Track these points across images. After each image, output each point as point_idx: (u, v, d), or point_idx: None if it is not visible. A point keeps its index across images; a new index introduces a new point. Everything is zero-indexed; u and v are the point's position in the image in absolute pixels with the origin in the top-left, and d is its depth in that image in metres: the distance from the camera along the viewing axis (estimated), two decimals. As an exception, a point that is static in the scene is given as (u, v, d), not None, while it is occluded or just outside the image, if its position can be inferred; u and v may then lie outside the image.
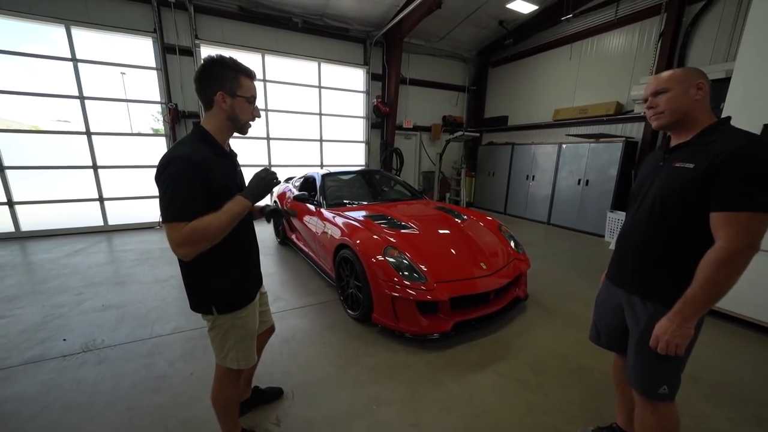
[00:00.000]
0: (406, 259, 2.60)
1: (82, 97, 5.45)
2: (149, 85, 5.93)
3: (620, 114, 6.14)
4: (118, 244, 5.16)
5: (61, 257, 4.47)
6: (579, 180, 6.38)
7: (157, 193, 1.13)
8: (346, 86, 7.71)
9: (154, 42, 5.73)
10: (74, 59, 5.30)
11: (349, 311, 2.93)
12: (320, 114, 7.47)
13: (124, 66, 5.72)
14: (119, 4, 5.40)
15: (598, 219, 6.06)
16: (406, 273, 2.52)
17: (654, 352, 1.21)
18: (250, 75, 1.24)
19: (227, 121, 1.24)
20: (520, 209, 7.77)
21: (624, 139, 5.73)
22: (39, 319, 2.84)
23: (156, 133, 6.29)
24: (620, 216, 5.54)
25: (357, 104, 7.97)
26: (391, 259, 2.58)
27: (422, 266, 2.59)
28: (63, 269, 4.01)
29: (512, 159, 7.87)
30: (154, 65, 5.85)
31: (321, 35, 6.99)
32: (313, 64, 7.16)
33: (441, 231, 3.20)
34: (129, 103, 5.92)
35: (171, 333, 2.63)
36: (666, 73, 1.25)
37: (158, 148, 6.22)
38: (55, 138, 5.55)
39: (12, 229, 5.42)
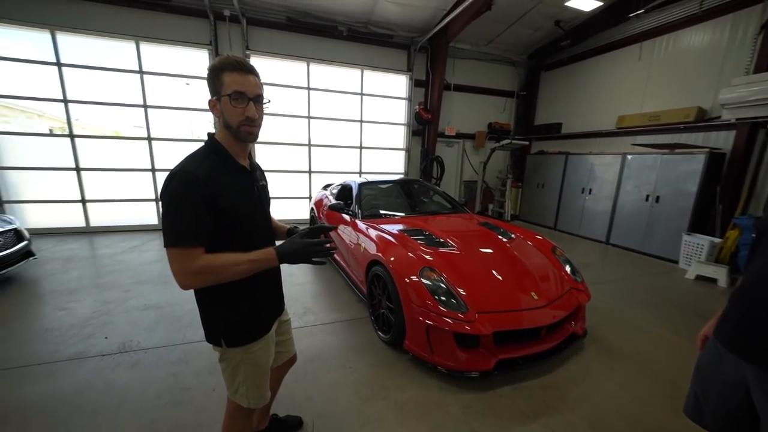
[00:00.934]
0: (444, 283, 2.33)
1: (145, 106, 5.94)
2: (207, 94, 6.31)
3: (702, 121, 5.28)
4: (169, 243, 5.47)
5: (118, 253, 4.83)
6: (647, 196, 5.59)
7: None
8: (388, 93, 7.61)
9: (209, 53, 6.10)
10: (141, 71, 5.80)
11: (379, 333, 2.72)
12: (361, 121, 7.44)
13: (185, 77, 6.15)
14: (180, 20, 5.83)
15: (670, 241, 5.24)
16: (443, 298, 2.26)
17: None
18: (235, 67, 1.01)
19: (225, 129, 1.08)
20: (574, 225, 7.03)
21: (708, 150, 4.90)
22: (89, 313, 3.01)
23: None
24: (700, 240, 4.72)
25: (398, 111, 7.83)
26: (427, 282, 2.33)
27: (462, 292, 2.30)
28: (117, 265, 4.31)
29: (566, 169, 7.18)
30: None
31: (365, 42, 6.98)
32: (356, 72, 7.16)
33: (484, 251, 2.88)
34: (190, 112, 6.35)
35: (200, 340, 2.62)
36: None
37: (209, 152, 6.58)
38: (122, 143, 6.10)
39: (83, 224, 6.03)
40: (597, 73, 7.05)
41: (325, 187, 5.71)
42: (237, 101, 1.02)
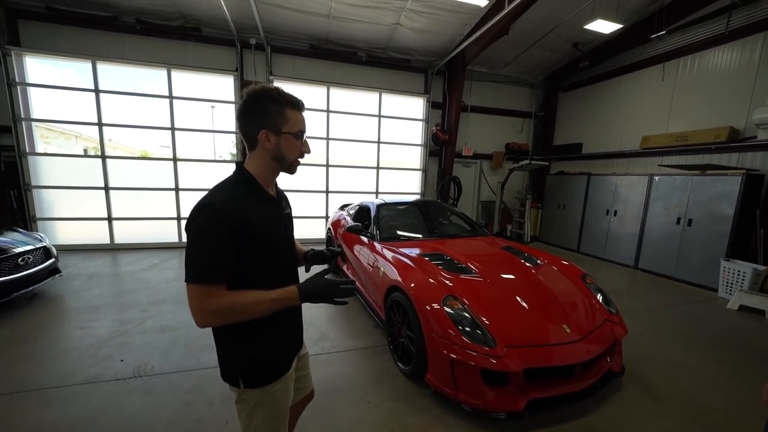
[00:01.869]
0: (468, 312, 2.21)
1: (173, 129, 6.21)
2: (231, 117, 6.58)
3: (735, 141, 5.05)
4: (187, 261, 5.54)
5: (138, 270, 4.91)
6: (678, 218, 5.31)
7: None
8: (406, 114, 7.71)
9: (235, 79, 6.39)
10: (171, 96, 6.12)
11: (399, 364, 2.58)
12: (378, 142, 7.52)
13: (210, 101, 6.44)
14: (209, 48, 6.17)
15: (707, 267, 4.90)
16: (467, 329, 2.12)
17: None
18: (297, 106, 1.06)
19: (272, 162, 1.07)
20: (598, 248, 6.73)
21: (744, 171, 4.64)
22: (107, 333, 3.01)
23: (232, 159, 6.87)
24: (741, 267, 4.39)
25: (415, 132, 7.90)
26: (451, 311, 2.21)
27: (488, 323, 2.17)
28: (137, 283, 4.36)
29: (588, 190, 6.96)
30: (233, 99, 6.48)
31: (383, 67, 7.17)
32: (374, 95, 7.32)
33: (509, 277, 2.75)
34: (213, 133, 6.61)
35: (215, 366, 2.53)
36: None
37: (230, 172, 6.76)
38: (149, 164, 6.37)
39: (108, 241, 6.22)
40: (618, 94, 6.95)
41: (342, 207, 5.71)
42: (299, 140, 1.07)
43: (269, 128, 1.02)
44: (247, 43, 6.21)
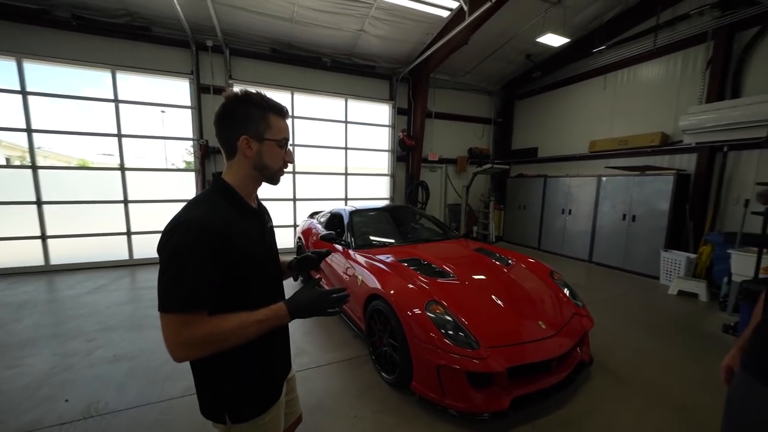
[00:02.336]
0: (451, 316, 2.23)
1: (120, 135, 5.66)
2: (185, 122, 6.14)
3: (667, 145, 5.69)
4: (141, 280, 5.05)
5: (82, 294, 4.37)
6: (624, 215, 5.85)
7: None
8: (372, 121, 7.74)
9: (190, 83, 5.99)
10: (116, 100, 5.58)
11: (383, 374, 2.53)
12: (346, 148, 7.46)
13: (161, 105, 5.97)
14: (161, 49, 5.73)
15: (650, 258, 5.44)
16: (450, 333, 2.14)
17: None
18: (281, 112, 1.00)
19: (254, 171, 0.99)
20: (557, 245, 7.20)
21: (675, 171, 5.24)
22: (46, 370, 2.62)
23: (187, 168, 6.41)
24: (677, 256, 4.94)
25: (382, 138, 7.95)
26: (433, 316, 2.21)
27: (470, 325, 2.20)
28: (82, 308, 3.87)
29: (545, 192, 7.45)
30: (189, 104, 6.08)
31: (348, 73, 7.14)
32: (340, 101, 7.26)
33: (485, 279, 2.82)
34: (165, 140, 6.12)
35: (182, 395, 2.32)
36: None
37: (188, 181, 6.30)
38: (94, 174, 5.74)
39: (42, 262, 5.47)
40: (567, 102, 7.54)
41: (312, 216, 5.55)
42: (283, 148, 1.00)
43: (251, 134, 0.94)
44: (203, 44, 5.86)
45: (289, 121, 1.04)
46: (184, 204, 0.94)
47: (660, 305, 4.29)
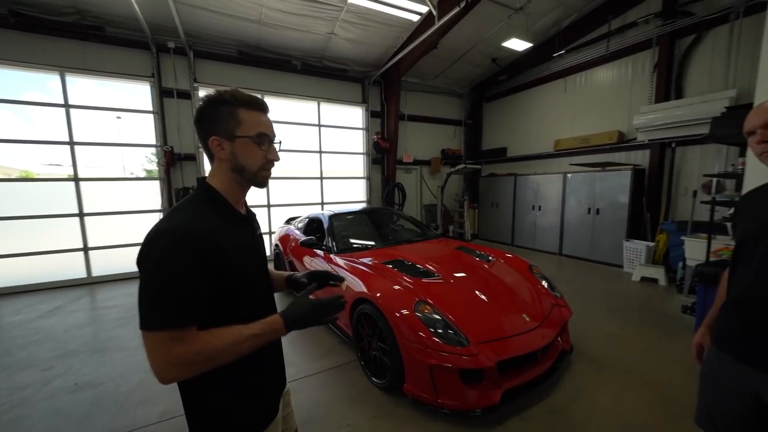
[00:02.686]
0: (440, 315, 2.24)
1: (72, 143, 5.20)
2: (145, 128, 5.76)
3: (623, 142, 6.14)
4: (102, 299, 4.65)
5: (33, 319, 3.94)
6: (589, 209, 6.22)
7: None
8: (346, 124, 7.70)
9: (151, 86, 5.64)
10: (66, 105, 5.13)
11: (373, 379, 2.49)
12: (320, 152, 7.35)
13: (119, 110, 5.56)
14: (117, 51, 5.35)
15: (613, 248, 5.82)
16: (440, 331, 2.15)
17: None
18: (253, 105, 0.90)
19: (233, 174, 0.91)
20: (529, 240, 7.52)
21: (632, 166, 5.66)
22: (-6, 407, 2.33)
23: (149, 176, 6.01)
24: (637, 245, 5.32)
25: (357, 141, 7.92)
26: (422, 316, 2.21)
27: (458, 323, 2.22)
28: (33, 335, 3.49)
29: (516, 189, 7.76)
30: (150, 109, 5.71)
31: (320, 76, 7.06)
32: (313, 104, 7.15)
33: (468, 276, 2.87)
34: (123, 147, 5.70)
35: (159, 421, 2.15)
36: None
37: (151, 191, 5.90)
38: (41, 186, 5.22)
39: (-19, 286, 4.90)
40: (532, 103, 7.92)
41: (289, 221, 5.41)
42: (260, 145, 0.90)
43: (220, 134, 0.88)
44: (164, 46, 5.55)
45: (270, 116, 0.97)
46: (164, 213, 0.87)
47: (625, 291, 4.59)
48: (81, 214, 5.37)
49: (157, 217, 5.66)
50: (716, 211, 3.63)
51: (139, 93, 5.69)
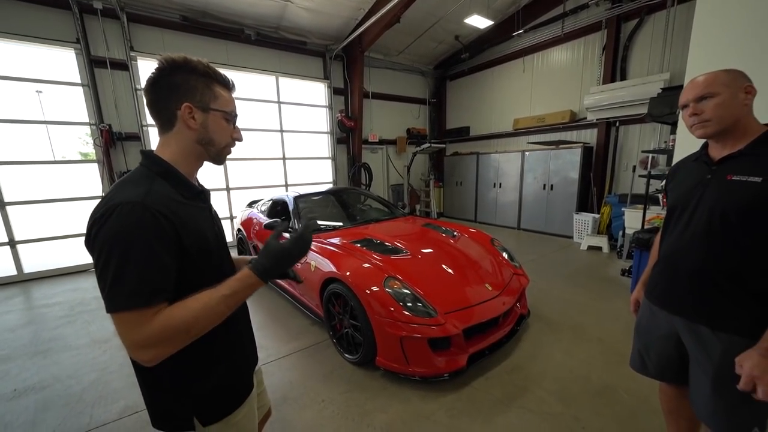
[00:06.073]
0: (409, 289, 2.31)
1: (-19, 120, 4.46)
2: (74, 104, 5.06)
3: (575, 121, 6.52)
4: (40, 297, 4.19)
5: (-46, 324, 3.47)
6: (544, 185, 6.62)
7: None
8: (308, 101, 7.35)
9: (77, 54, 4.92)
10: (-31, 74, 4.34)
11: (346, 355, 2.53)
12: (281, 131, 6.99)
13: (39, 81, 4.80)
14: (31, 9, 4.56)
15: (565, 221, 6.29)
16: (409, 305, 2.22)
17: (739, 392, 1.04)
18: (227, 84, 0.90)
19: (196, 146, 0.86)
20: (490, 216, 7.89)
21: (581, 144, 6.06)
22: None
23: (85, 159, 5.36)
24: (585, 217, 5.80)
25: (320, 119, 7.63)
26: (392, 291, 2.27)
27: (426, 295, 2.31)
28: (-43, 341, 3.08)
29: (478, 168, 8.02)
30: (78, 81, 5.01)
31: (277, 48, 6.60)
32: (271, 78, 6.71)
33: (435, 251, 2.96)
34: (48, 126, 4.99)
35: (119, 417, 2.03)
36: (707, 77, 1.14)
37: (88, 175, 5.29)
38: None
39: None
40: (493, 83, 8.09)
41: (251, 205, 5.16)
42: (230, 122, 0.91)
43: (194, 102, 0.81)
44: (89, 6, 4.82)
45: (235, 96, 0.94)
46: (112, 187, 0.78)
47: (575, 259, 5.03)
48: (2, 204, 4.69)
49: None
50: (651, 185, 4.04)
51: (64, 63, 4.94)
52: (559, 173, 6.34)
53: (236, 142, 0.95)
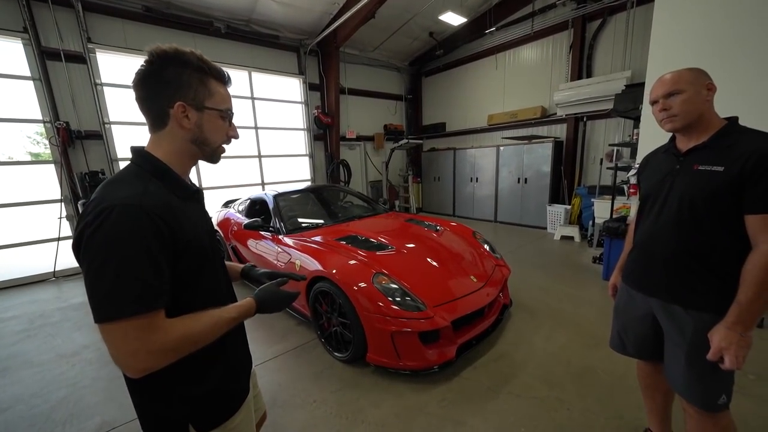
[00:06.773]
0: (397, 284, 2.32)
1: None
2: (24, 100, 4.62)
3: (545, 117, 6.79)
4: (-9, 312, 3.83)
5: None
6: (518, 179, 6.86)
7: (53, 236, 0.68)
8: (283, 97, 7.16)
9: (25, 44, 4.50)
10: None
11: (335, 354, 2.51)
12: (256, 127, 6.77)
13: (-18, 76, 4.36)
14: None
15: (539, 213, 6.56)
16: (398, 299, 2.24)
17: (709, 364, 1.15)
18: (223, 79, 0.86)
19: (190, 146, 0.83)
20: (468, 210, 8.08)
21: (552, 139, 6.34)
22: None
23: (38, 159, 4.92)
24: (557, 209, 6.08)
25: (296, 116, 7.46)
26: (380, 287, 2.27)
27: (414, 290, 2.33)
28: None
29: (455, 163, 8.17)
30: (28, 74, 4.58)
31: (249, 42, 6.36)
32: (243, 73, 6.47)
33: (420, 246, 2.99)
34: (-8, 124, 4.53)
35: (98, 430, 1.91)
36: (674, 75, 1.22)
37: (43, 177, 4.86)
38: None
39: None
40: (467, 79, 8.25)
41: (226, 205, 4.98)
42: (226, 121, 0.87)
43: (188, 101, 0.77)
44: (37, -7, 4.42)
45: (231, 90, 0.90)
46: (72, 200, 0.73)
47: (549, 249, 5.26)
48: (-58, 211, 4.23)
49: (55, 208, 4.73)
50: (617, 176, 4.30)
51: (11, 54, 4.50)
52: (532, 167, 6.59)
53: (232, 141, 0.92)
